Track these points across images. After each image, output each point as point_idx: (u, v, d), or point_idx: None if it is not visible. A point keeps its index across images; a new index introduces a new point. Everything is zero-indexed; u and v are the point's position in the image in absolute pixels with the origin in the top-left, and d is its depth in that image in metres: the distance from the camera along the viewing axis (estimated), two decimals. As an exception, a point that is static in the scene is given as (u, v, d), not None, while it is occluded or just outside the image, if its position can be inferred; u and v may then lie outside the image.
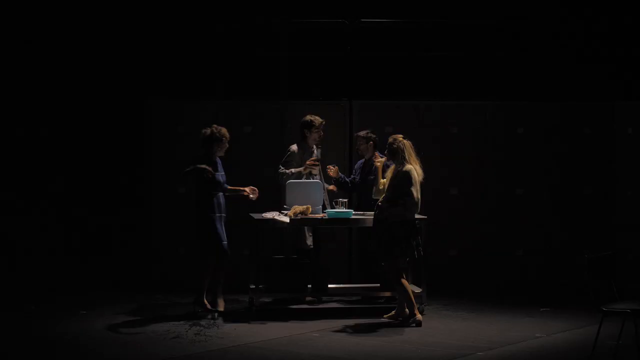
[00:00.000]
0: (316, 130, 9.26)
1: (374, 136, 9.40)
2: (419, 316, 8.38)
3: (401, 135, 8.39)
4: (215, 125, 8.77)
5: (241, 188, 8.93)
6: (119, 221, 10.70)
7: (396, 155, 8.29)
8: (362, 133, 9.41)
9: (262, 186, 10.05)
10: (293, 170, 9.18)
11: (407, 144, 8.31)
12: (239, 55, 10.86)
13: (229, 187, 8.88)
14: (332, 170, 9.28)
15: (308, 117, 9.29)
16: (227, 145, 8.81)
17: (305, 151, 9.28)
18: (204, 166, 8.61)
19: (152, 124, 10.25)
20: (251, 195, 8.93)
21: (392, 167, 8.41)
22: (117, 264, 10.58)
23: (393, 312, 8.48)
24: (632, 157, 10.39)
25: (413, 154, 8.31)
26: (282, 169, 9.20)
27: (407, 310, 8.38)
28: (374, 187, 8.70)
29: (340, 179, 9.39)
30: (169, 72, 10.73)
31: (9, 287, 10.03)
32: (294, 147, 9.31)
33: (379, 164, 8.73)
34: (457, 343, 7.71)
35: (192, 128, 9.58)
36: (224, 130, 8.74)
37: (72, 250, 10.69)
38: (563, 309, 9.15)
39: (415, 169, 8.24)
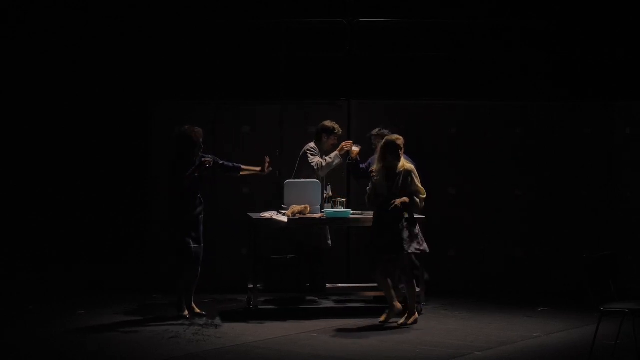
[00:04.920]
0: (334, 136, 9.27)
1: (387, 132, 9.41)
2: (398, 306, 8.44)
3: (396, 135, 8.47)
4: (189, 126, 8.72)
5: (256, 169, 8.97)
6: (122, 222, 10.70)
7: (398, 152, 8.32)
8: (375, 131, 9.41)
9: (261, 186, 10.09)
10: (331, 155, 9.15)
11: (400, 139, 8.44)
12: (239, 55, 10.86)
13: (243, 167, 8.95)
14: (356, 151, 9.06)
15: (329, 124, 9.29)
16: (201, 143, 8.75)
17: (319, 154, 9.30)
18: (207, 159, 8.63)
19: (154, 124, 10.25)
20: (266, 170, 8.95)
21: (375, 167, 8.40)
22: (119, 264, 10.58)
23: (404, 317, 8.45)
24: (632, 157, 10.38)
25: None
26: (315, 161, 9.13)
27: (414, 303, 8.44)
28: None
29: (356, 161, 9.24)
30: (170, 73, 10.73)
31: (10, 287, 10.03)
32: (312, 144, 9.31)
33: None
34: (456, 343, 7.71)
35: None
36: (198, 129, 8.69)
37: (73, 251, 10.69)
38: (562, 309, 9.14)
39: None
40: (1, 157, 10.86)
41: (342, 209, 8.89)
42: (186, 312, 8.64)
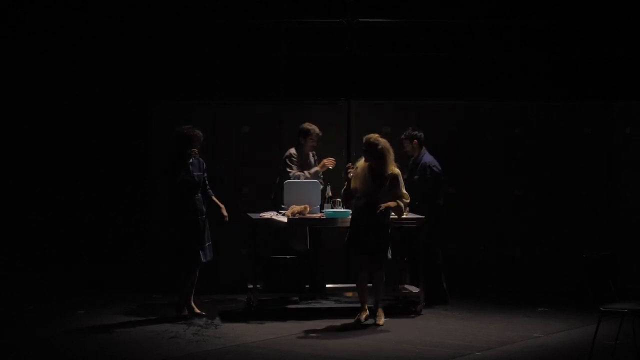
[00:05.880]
0: (311, 138, 9.28)
1: (416, 134, 9.41)
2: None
3: (377, 135, 8.43)
4: (189, 126, 8.71)
5: (221, 206, 8.80)
6: (122, 222, 10.71)
7: (383, 157, 8.31)
8: (406, 133, 9.42)
9: (260, 185, 10.08)
10: (311, 171, 9.18)
11: (388, 145, 8.37)
12: (239, 55, 10.86)
13: (214, 197, 8.82)
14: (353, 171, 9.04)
15: (306, 126, 9.33)
16: (198, 147, 8.72)
17: (301, 157, 9.31)
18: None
19: (154, 124, 10.25)
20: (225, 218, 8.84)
21: (359, 168, 8.39)
22: (119, 264, 10.59)
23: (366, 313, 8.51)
24: (632, 157, 10.37)
25: (392, 154, 8.41)
26: (294, 172, 9.16)
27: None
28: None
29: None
30: (170, 73, 10.74)
31: (10, 287, 10.03)
32: (293, 150, 9.33)
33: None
34: (456, 343, 7.71)
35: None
36: (197, 131, 8.67)
37: (73, 251, 10.70)
38: (562, 309, 9.14)
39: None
40: (1, 157, 10.86)
41: (342, 209, 8.89)
42: (186, 312, 8.64)
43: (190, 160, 8.58)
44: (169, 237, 8.73)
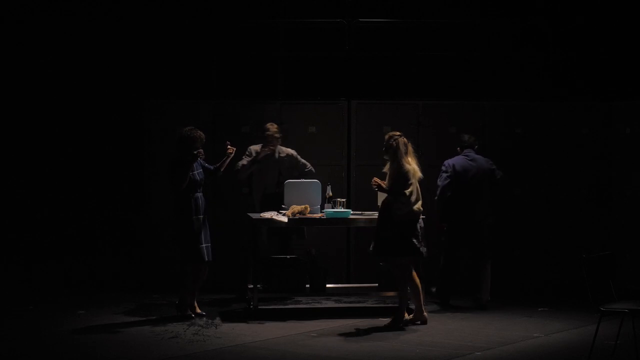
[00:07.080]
0: (268, 136, 9.30)
1: (461, 138, 9.45)
2: (425, 314, 8.40)
3: (398, 133, 8.38)
4: (191, 127, 8.70)
5: (224, 158, 8.80)
6: (121, 221, 10.71)
7: (389, 153, 8.29)
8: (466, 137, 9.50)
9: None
10: (245, 161, 9.23)
11: (401, 141, 8.27)
12: (238, 55, 10.87)
13: (217, 165, 8.81)
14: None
15: (266, 125, 9.39)
16: (201, 148, 8.70)
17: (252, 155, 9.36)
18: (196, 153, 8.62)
19: (153, 124, 10.25)
20: (230, 150, 8.80)
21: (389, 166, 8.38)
22: (117, 264, 10.59)
23: (410, 315, 8.46)
24: (631, 157, 10.38)
25: (409, 152, 8.28)
26: (238, 163, 9.26)
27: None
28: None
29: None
30: (169, 73, 10.74)
31: (10, 287, 10.03)
32: (256, 147, 9.38)
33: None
34: (455, 343, 7.71)
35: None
36: (199, 133, 8.65)
37: (71, 251, 10.70)
38: (561, 309, 9.14)
39: (412, 168, 8.22)
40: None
41: (342, 209, 8.89)
42: (189, 312, 8.63)
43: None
44: (170, 237, 8.72)
